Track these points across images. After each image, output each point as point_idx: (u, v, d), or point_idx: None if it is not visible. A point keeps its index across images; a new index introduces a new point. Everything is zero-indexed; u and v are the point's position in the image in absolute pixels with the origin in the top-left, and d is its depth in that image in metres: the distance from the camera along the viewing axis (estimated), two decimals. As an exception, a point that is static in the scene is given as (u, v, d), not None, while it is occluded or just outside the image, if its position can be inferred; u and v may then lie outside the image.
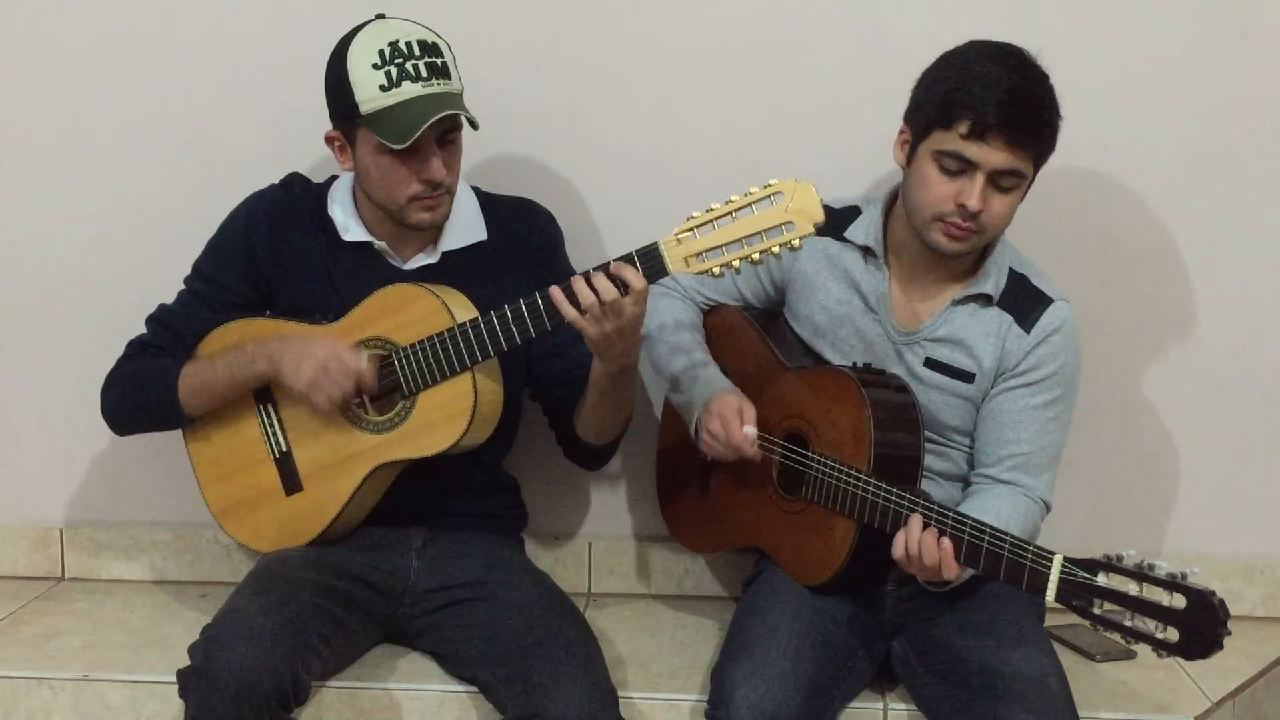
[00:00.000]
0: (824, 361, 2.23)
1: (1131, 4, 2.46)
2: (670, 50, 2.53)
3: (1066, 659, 2.21)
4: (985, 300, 2.16)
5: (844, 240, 2.23)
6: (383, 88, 2.09)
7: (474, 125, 2.14)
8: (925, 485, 2.11)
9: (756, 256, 1.91)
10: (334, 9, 2.22)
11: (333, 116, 2.19)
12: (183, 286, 2.32)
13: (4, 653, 2.33)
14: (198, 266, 2.32)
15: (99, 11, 2.56)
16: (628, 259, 1.97)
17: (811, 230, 1.89)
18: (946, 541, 1.93)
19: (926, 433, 2.13)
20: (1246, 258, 2.53)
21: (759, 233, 1.90)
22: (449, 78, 2.14)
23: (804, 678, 1.99)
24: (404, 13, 2.17)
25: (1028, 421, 2.13)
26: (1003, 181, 2.04)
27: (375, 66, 2.09)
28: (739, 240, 1.92)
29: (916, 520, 1.95)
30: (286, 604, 2.06)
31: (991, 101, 1.99)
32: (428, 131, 2.08)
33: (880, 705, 2.16)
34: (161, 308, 2.33)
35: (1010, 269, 2.18)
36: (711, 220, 1.93)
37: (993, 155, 2.01)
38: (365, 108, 2.11)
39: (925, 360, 2.17)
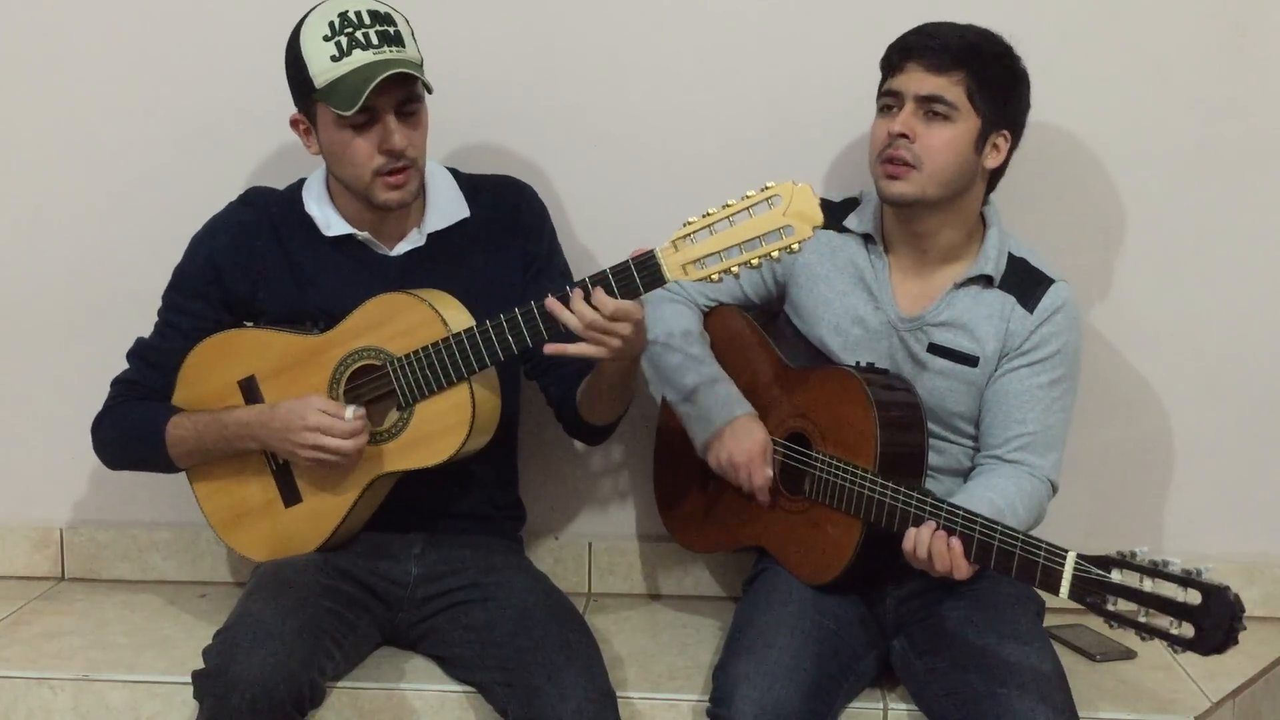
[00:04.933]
0: (825, 356, 2.23)
1: (1131, 4, 2.46)
2: (671, 49, 2.53)
3: (1066, 659, 2.20)
4: (986, 282, 2.17)
5: (845, 231, 2.24)
6: (333, 58, 2.07)
7: (428, 89, 2.11)
8: (925, 482, 2.11)
9: (756, 261, 1.89)
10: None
11: (295, 98, 2.17)
12: (157, 318, 2.29)
13: (4, 653, 2.33)
14: (168, 297, 2.29)
15: (99, 10, 2.56)
16: (623, 269, 1.95)
17: (810, 233, 1.88)
18: (956, 542, 1.93)
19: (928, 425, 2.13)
20: (1246, 257, 2.52)
21: (757, 237, 1.88)
22: (403, 45, 2.11)
23: (805, 676, 1.99)
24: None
25: (1033, 401, 2.14)
26: (934, 107, 2.08)
27: (326, 39, 2.07)
28: (737, 245, 1.89)
29: (927, 525, 1.96)
30: (302, 609, 2.05)
31: (909, 37, 2.12)
32: (385, 101, 2.06)
33: (880, 705, 2.15)
34: (140, 342, 2.30)
35: (1010, 253, 2.19)
36: (708, 225, 1.90)
37: (911, 81, 2.09)
38: (319, 81, 2.08)
39: (929, 346, 2.18)
